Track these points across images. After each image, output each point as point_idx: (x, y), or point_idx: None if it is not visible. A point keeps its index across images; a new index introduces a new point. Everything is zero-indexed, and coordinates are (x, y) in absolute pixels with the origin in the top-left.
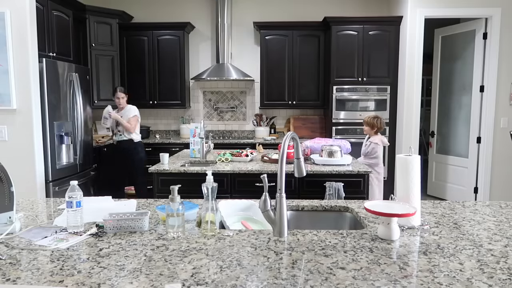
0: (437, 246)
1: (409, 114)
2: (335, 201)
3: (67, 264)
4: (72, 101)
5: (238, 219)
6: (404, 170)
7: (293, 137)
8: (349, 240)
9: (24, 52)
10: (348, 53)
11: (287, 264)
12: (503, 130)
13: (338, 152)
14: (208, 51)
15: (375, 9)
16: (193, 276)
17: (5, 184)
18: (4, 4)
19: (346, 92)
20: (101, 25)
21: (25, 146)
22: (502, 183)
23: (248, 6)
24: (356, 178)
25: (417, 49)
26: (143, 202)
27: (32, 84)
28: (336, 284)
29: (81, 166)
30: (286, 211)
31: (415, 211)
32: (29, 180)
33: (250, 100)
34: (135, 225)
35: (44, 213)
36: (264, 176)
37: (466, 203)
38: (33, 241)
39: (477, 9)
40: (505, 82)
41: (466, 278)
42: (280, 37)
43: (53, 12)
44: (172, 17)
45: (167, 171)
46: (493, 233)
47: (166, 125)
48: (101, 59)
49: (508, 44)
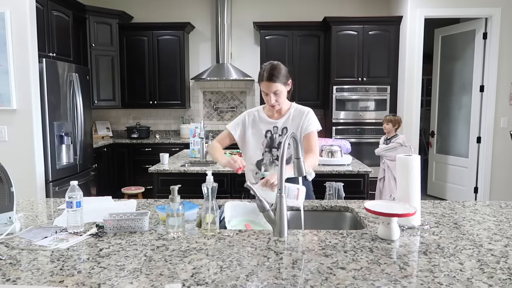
0: (437, 246)
1: (409, 114)
2: (335, 201)
3: (67, 264)
4: (72, 101)
5: (242, 221)
6: (404, 170)
7: (293, 137)
8: (349, 240)
9: (24, 52)
10: (348, 53)
11: (287, 264)
12: (503, 130)
13: (338, 152)
14: (208, 51)
15: (375, 9)
16: (193, 276)
17: (5, 184)
18: (4, 4)
19: (346, 92)
20: (101, 25)
21: (25, 146)
22: (502, 183)
23: (248, 6)
24: (356, 178)
25: (417, 49)
26: (143, 202)
27: (32, 84)
28: (336, 284)
29: (81, 166)
30: (286, 211)
31: (415, 211)
32: (29, 180)
33: (250, 100)
34: (135, 225)
35: (44, 213)
36: (247, 183)
37: (466, 203)
38: (33, 241)
39: (477, 9)
40: (505, 82)
41: (466, 278)
42: (280, 37)
43: (53, 12)
44: (172, 17)
45: (167, 171)
46: (493, 233)
47: (166, 125)
48: (101, 59)
49: (508, 44)
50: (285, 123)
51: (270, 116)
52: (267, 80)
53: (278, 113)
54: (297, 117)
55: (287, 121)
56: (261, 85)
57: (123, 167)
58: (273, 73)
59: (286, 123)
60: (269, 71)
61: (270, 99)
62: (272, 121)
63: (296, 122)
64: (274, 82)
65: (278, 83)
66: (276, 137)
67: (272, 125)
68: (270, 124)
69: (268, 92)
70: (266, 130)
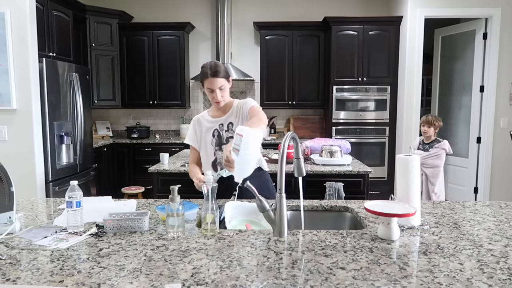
0: (437, 246)
1: (409, 114)
2: (335, 201)
3: (67, 264)
4: (72, 101)
5: (242, 221)
6: (404, 170)
7: (293, 137)
8: (349, 240)
9: (24, 52)
10: (348, 53)
11: (287, 264)
12: (503, 130)
13: (338, 152)
14: (208, 51)
15: (375, 9)
16: (193, 276)
17: (5, 184)
18: (4, 4)
19: (346, 92)
20: (101, 25)
21: (25, 146)
22: (502, 183)
23: (248, 6)
24: (356, 178)
25: (417, 49)
26: (143, 202)
27: (32, 84)
28: (336, 284)
29: (81, 166)
30: (286, 211)
31: (415, 211)
32: (29, 180)
33: None
34: (135, 225)
35: (44, 213)
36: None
37: (466, 203)
38: (33, 241)
39: (477, 9)
40: (505, 82)
41: (466, 278)
42: (280, 37)
43: (53, 12)
44: (172, 17)
45: (167, 171)
46: (493, 233)
47: (166, 125)
48: (101, 59)
49: (508, 44)
50: (229, 119)
51: (215, 116)
52: (212, 76)
53: (222, 112)
54: (240, 109)
55: (230, 116)
56: (206, 83)
57: (123, 167)
58: (217, 69)
59: (229, 118)
60: (212, 68)
61: (216, 95)
62: (216, 119)
63: (239, 113)
64: (219, 77)
65: (222, 78)
66: (223, 133)
67: (217, 123)
68: (215, 123)
69: (214, 88)
70: (213, 130)
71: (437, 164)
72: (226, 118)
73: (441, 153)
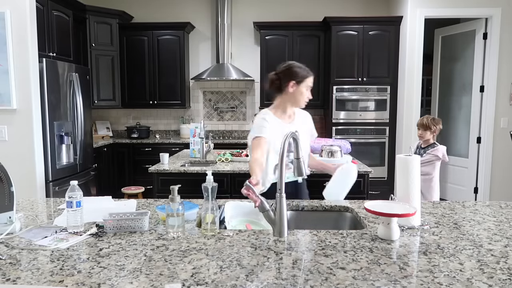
0: (437, 246)
1: (409, 114)
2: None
3: (67, 264)
4: (72, 101)
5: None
6: (404, 170)
7: (293, 137)
8: (349, 240)
9: (24, 52)
10: (348, 53)
11: (287, 264)
12: (503, 130)
13: (338, 152)
14: (208, 51)
15: (375, 9)
16: (193, 276)
17: (5, 184)
18: (4, 4)
19: (346, 92)
20: (101, 25)
21: (25, 146)
22: (502, 183)
23: (248, 6)
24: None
25: (417, 49)
26: (143, 202)
27: (32, 84)
28: (336, 284)
29: (81, 166)
30: (286, 211)
31: (415, 211)
32: (29, 180)
33: (250, 100)
34: (135, 225)
35: (44, 213)
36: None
37: (466, 203)
38: (33, 241)
39: (477, 9)
40: (505, 82)
41: (466, 278)
42: (280, 37)
43: (53, 12)
44: (172, 17)
45: (167, 171)
46: (493, 233)
47: (166, 125)
48: (101, 59)
49: (508, 44)
50: (298, 126)
51: (284, 119)
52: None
53: (288, 117)
54: (304, 120)
55: (299, 124)
56: (308, 80)
57: (123, 167)
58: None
59: (298, 125)
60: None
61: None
62: (287, 125)
63: (306, 125)
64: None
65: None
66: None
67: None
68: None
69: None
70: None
71: (428, 171)
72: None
73: (433, 159)
